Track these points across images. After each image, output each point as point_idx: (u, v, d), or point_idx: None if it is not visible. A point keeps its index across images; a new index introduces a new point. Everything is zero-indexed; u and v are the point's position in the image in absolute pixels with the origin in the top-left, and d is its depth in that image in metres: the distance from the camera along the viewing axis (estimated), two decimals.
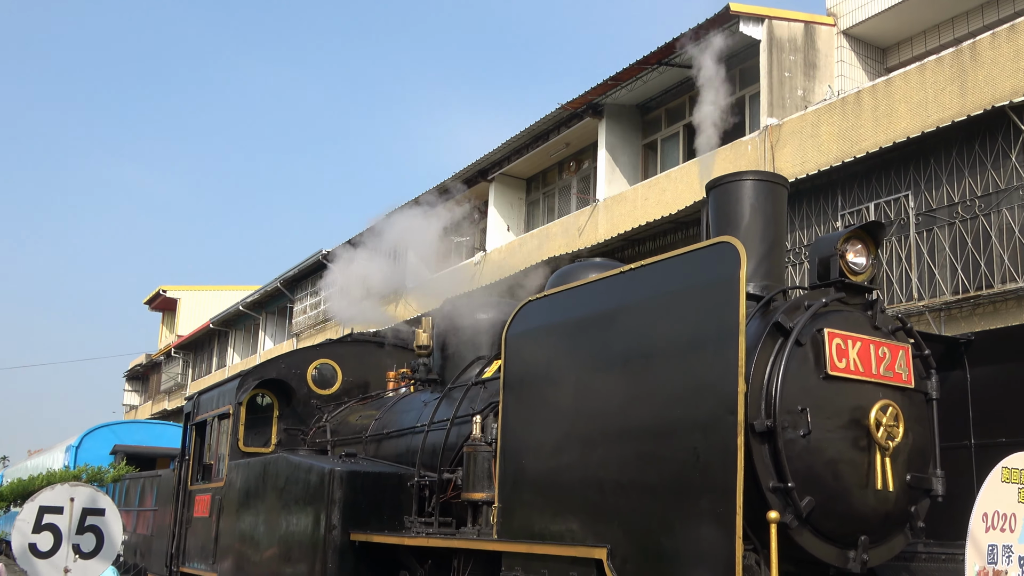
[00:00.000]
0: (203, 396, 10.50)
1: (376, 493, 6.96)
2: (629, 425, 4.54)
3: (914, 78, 11.88)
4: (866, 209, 11.75)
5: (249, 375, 9.43)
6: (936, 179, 11.29)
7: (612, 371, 4.74)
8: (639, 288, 4.73)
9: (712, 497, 4.01)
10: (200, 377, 36.51)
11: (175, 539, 10.58)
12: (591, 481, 4.69)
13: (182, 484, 10.57)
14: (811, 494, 4.52)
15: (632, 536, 4.40)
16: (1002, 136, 10.70)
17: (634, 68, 15.48)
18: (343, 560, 6.75)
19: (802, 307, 4.89)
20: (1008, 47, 10.91)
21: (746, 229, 5.39)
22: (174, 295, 41.06)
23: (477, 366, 7.61)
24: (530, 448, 5.18)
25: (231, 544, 8.50)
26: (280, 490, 7.62)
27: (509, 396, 5.42)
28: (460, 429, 6.76)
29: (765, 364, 4.66)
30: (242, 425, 9.11)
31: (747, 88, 15.12)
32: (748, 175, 5.58)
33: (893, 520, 4.85)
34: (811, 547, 4.59)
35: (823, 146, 12.73)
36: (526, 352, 5.40)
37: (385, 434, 7.97)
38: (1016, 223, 10.46)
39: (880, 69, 14.42)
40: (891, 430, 4.69)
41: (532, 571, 4.95)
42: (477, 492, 6.03)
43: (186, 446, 10.66)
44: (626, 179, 17.22)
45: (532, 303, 5.47)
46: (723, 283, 4.19)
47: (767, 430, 4.50)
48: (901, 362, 4.96)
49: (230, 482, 8.79)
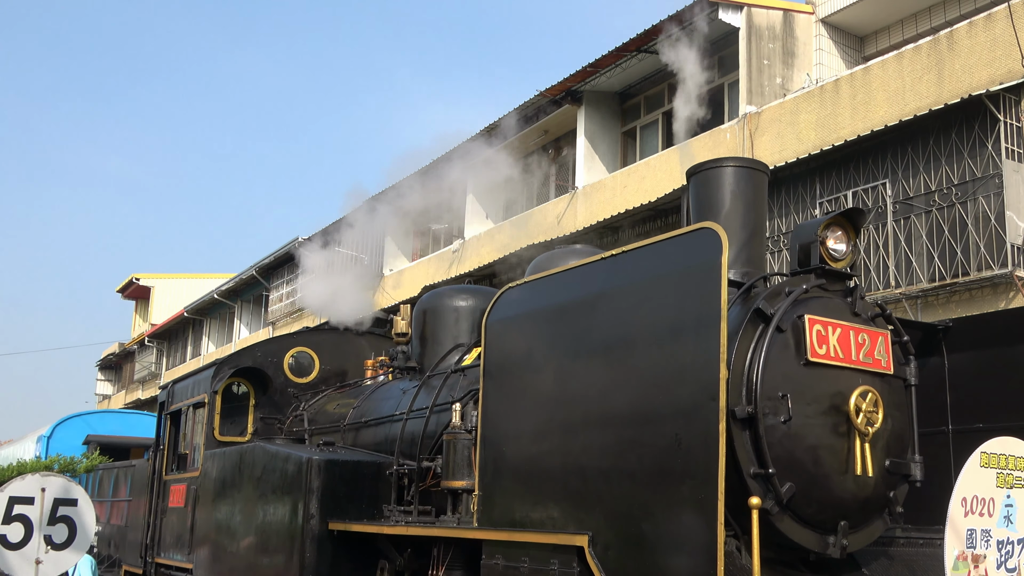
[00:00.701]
0: (178, 385, 10.40)
1: (354, 482, 6.92)
2: (610, 412, 4.52)
3: (892, 66, 11.92)
4: (844, 197, 11.80)
5: (225, 363, 9.34)
6: (913, 167, 11.34)
7: (593, 357, 4.71)
8: (620, 274, 4.70)
9: (693, 483, 4.00)
10: (175, 366, 36.24)
11: (150, 530, 10.49)
12: (572, 468, 4.67)
13: (157, 474, 10.49)
14: (791, 480, 4.54)
15: (613, 523, 4.38)
16: (979, 124, 10.76)
17: (613, 55, 15.44)
18: (321, 550, 6.71)
19: (783, 293, 4.90)
20: (985, 36, 10.96)
21: (726, 215, 5.38)
22: (147, 283, 40.66)
23: (456, 353, 7.57)
24: (510, 435, 5.15)
25: (207, 534, 8.43)
26: (257, 480, 7.55)
27: (489, 383, 5.38)
28: (439, 417, 6.72)
29: (746, 350, 4.66)
30: (218, 414, 9.04)
31: (726, 76, 15.12)
32: (728, 161, 5.57)
33: (872, 505, 4.87)
34: (791, 533, 4.61)
35: (801, 134, 12.75)
36: (506, 339, 5.37)
37: (363, 422, 7.92)
38: (992, 211, 10.54)
39: (858, 57, 14.46)
40: (870, 416, 4.71)
41: (513, 559, 4.93)
42: (457, 480, 6.00)
43: (161, 436, 10.57)
44: (605, 166, 17.20)
45: (512, 289, 5.44)
46: (705, 269, 4.17)
47: (748, 416, 4.51)
48: (880, 348, 4.98)
49: (206, 472, 8.71)
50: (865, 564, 5.09)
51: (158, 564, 10.15)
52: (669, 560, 4.10)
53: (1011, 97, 10.59)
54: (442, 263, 20.37)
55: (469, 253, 19.36)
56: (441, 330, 7.92)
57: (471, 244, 19.60)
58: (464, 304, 7.91)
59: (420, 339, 8.13)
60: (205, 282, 36.93)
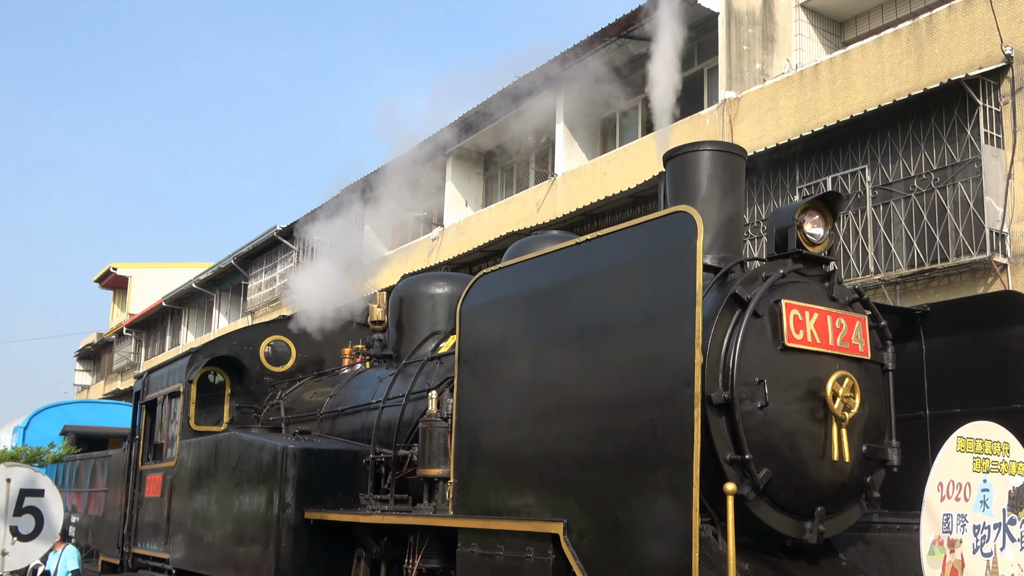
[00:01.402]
0: (153, 374, 10.31)
1: (331, 471, 6.87)
2: (585, 398, 4.48)
3: (871, 52, 11.90)
4: (824, 183, 11.79)
5: (200, 352, 9.26)
6: (892, 153, 11.33)
7: (568, 343, 4.66)
8: (595, 259, 4.65)
9: (669, 470, 3.96)
10: (153, 356, 36.04)
11: (126, 520, 10.43)
12: (547, 455, 4.63)
13: (133, 464, 10.42)
14: (768, 466, 4.51)
15: (589, 510, 4.35)
16: (958, 110, 10.76)
17: (593, 41, 15.35)
18: (297, 539, 6.66)
19: (760, 278, 4.85)
20: (964, 20, 10.96)
21: (703, 200, 5.33)
22: (125, 273, 40.36)
23: (433, 341, 7.52)
24: (486, 423, 5.11)
25: (183, 524, 8.38)
26: (232, 469, 7.50)
27: (464, 370, 5.33)
28: (416, 405, 6.68)
29: (722, 336, 4.62)
30: (193, 403, 8.97)
31: (705, 61, 15.08)
32: (705, 145, 5.52)
33: (849, 491, 4.85)
34: (768, 519, 4.59)
35: (781, 120, 12.73)
36: (481, 325, 5.32)
37: (340, 411, 7.86)
38: (971, 197, 10.55)
39: (837, 43, 14.44)
40: (847, 401, 4.68)
41: (488, 547, 4.89)
42: (433, 468, 5.96)
43: (136, 425, 10.49)
44: (585, 153, 17.13)
45: (487, 275, 5.38)
46: (680, 253, 4.12)
47: (724, 402, 4.48)
48: (858, 333, 4.95)
49: (181, 461, 8.65)
50: (842, 550, 5.07)
51: (135, 554, 10.08)
52: (644, 547, 4.07)
53: (990, 82, 10.60)
54: (421, 251, 20.28)
55: (448, 241, 19.28)
56: (417, 317, 7.86)
57: (450, 232, 19.51)
58: (441, 291, 7.85)
59: (396, 327, 8.06)
60: (183, 271, 36.71)
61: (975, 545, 4.25)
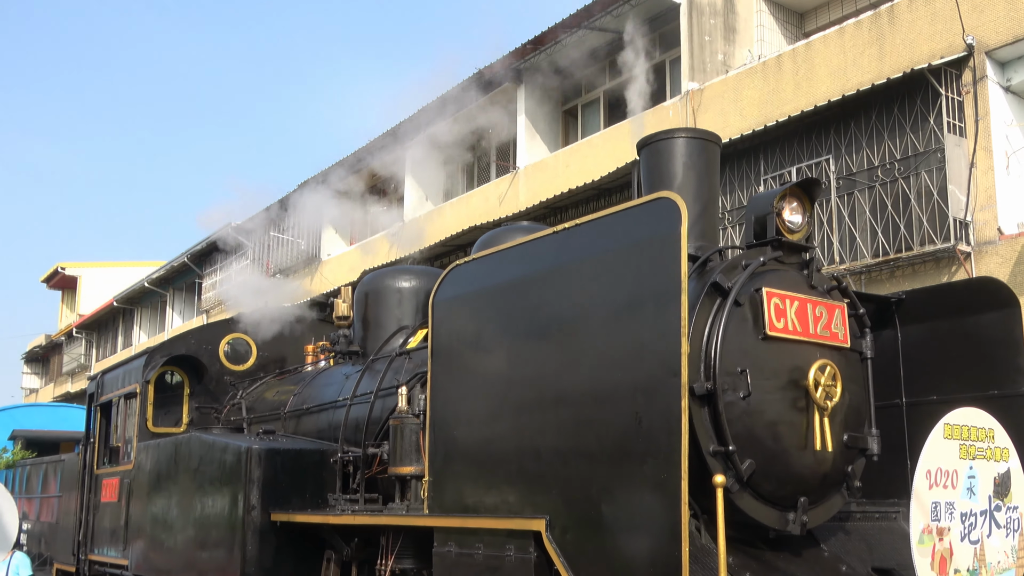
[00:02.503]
0: (107, 375, 10.06)
1: (297, 471, 6.74)
2: (566, 390, 4.37)
3: (833, 42, 11.93)
4: (788, 173, 11.80)
5: (156, 352, 9.05)
6: (856, 143, 11.38)
7: (547, 335, 4.56)
8: (574, 248, 4.54)
9: (655, 463, 3.88)
10: (105, 357, 35.37)
11: (82, 526, 10.17)
12: (527, 450, 4.51)
13: (88, 468, 10.17)
14: (751, 457, 4.46)
15: (571, 505, 4.25)
16: (920, 99, 10.82)
17: (553, 32, 15.24)
18: (263, 542, 6.52)
19: (739, 266, 4.80)
20: (925, 10, 11.01)
21: (679, 188, 5.25)
22: (74, 272, 39.53)
23: (400, 336, 7.37)
24: (461, 418, 4.98)
25: (142, 529, 8.17)
26: (194, 471, 7.30)
27: (437, 365, 5.20)
28: (384, 402, 6.54)
29: (704, 325, 4.56)
30: (150, 405, 8.78)
31: (668, 52, 15.04)
32: (680, 132, 5.45)
33: (831, 480, 4.83)
34: (751, 510, 4.54)
35: (745, 111, 12.73)
36: (455, 318, 5.18)
37: (305, 409, 7.69)
38: (934, 186, 10.61)
39: (798, 34, 14.47)
40: (829, 390, 4.64)
41: (466, 546, 4.77)
42: (405, 466, 5.85)
43: (91, 428, 10.25)
44: (546, 146, 17.03)
45: (460, 267, 5.25)
46: (663, 240, 4.04)
47: (707, 393, 4.42)
48: (837, 321, 4.92)
49: (139, 464, 8.42)
50: (823, 540, 5.04)
51: (91, 561, 9.83)
52: (630, 541, 3.98)
53: (952, 71, 10.66)
54: (382, 247, 20.04)
55: (410, 236, 19.06)
56: (384, 312, 7.72)
57: (411, 227, 19.29)
58: (407, 285, 7.71)
59: (362, 322, 7.90)
60: (135, 270, 36.03)
61: (963, 532, 4.21)
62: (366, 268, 16.98)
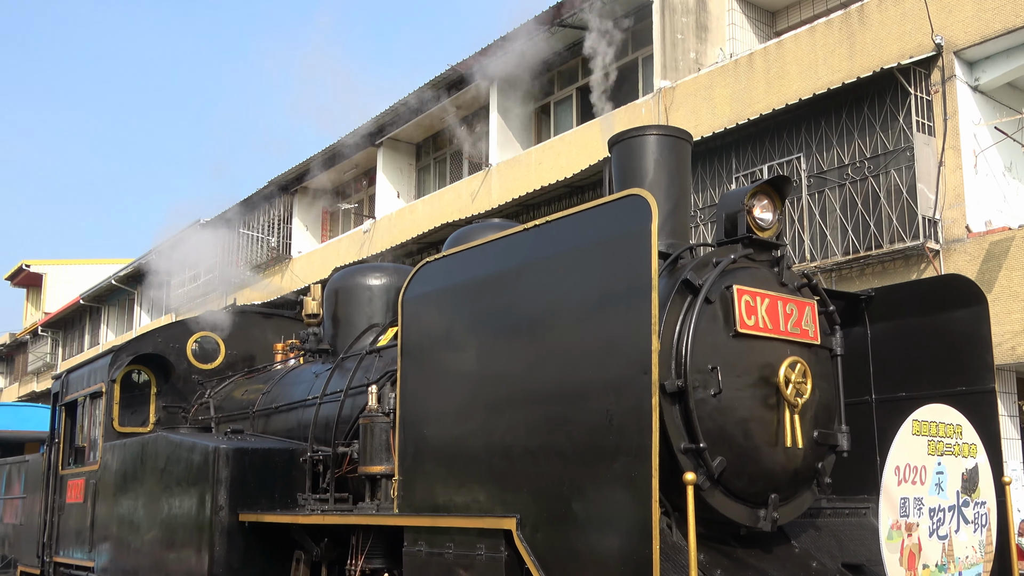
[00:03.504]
0: (72, 374, 9.91)
1: (266, 470, 6.66)
2: (537, 388, 4.34)
3: (805, 41, 12.00)
4: (760, 171, 11.86)
5: (123, 350, 8.91)
6: (827, 141, 11.45)
7: (517, 332, 4.52)
8: (545, 245, 4.51)
9: (627, 460, 3.85)
10: (72, 356, 34.96)
11: (47, 527, 10.01)
12: (497, 448, 4.47)
13: (52, 469, 10.00)
14: (722, 454, 4.46)
15: (542, 503, 4.22)
16: (890, 98, 10.91)
17: (526, 29, 15.19)
18: (232, 542, 6.44)
19: (710, 264, 4.79)
20: (895, 10, 11.10)
21: (650, 185, 5.24)
22: (39, 270, 39.01)
23: (371, 334, 7.31)
24: (431, 417, 4.93)
25: (109, 530, 8.06)
26: (161, 471, 7.20)
27: (407, 362, 5.16)
28: (355, 400, 6.48)
29: (675, 323, 4.55)
30: (116, 404, 8.64)
31: (640, 50, 15.06)
32: (651, 129, 5.43)
33: (801, 477, 4.83)
34: (722, 507, 4.53)
35: (716, 108, 12.77)
36: (425, 315, 5.13)
37: (274, 408, 7.60)
38: (904, 184, 10.70)
39: (770, 32, 14.55)
40: (800, 387, 4.65)
41: (436, 545, 4.72)
42: (375, 465, 5.79)
43: (55, 428, 10.09)
44: (519, 143, 17.00)
45: (430, 264, 5.20)
46: (633, 237, 4.01)
47: (678, 390, 4.41)
48: (807, 318, 4.92)
49: (105, 465, 8.30)
50: (794, 536, 5.05)
51: (56, 563, 9.67)
52: (601, 539, 3.95)
53: (921, 71, 10.75)
54: (353, 244, 19.92)
55: (381, 233, 18.98)
56: (354, 310, 7.64)
57: (382, 224, 19.21)
58: (377, 283, 7.64)
59: (332, 320, 7.82)
60: (102, 268, 35.62)
61: (931, 528, 4.23)
62: (338, 265, 16.89)
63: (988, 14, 10.46)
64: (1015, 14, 10.28)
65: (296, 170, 21.38)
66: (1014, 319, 9.85)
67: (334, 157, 20.31)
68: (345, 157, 20.24)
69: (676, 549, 4.21)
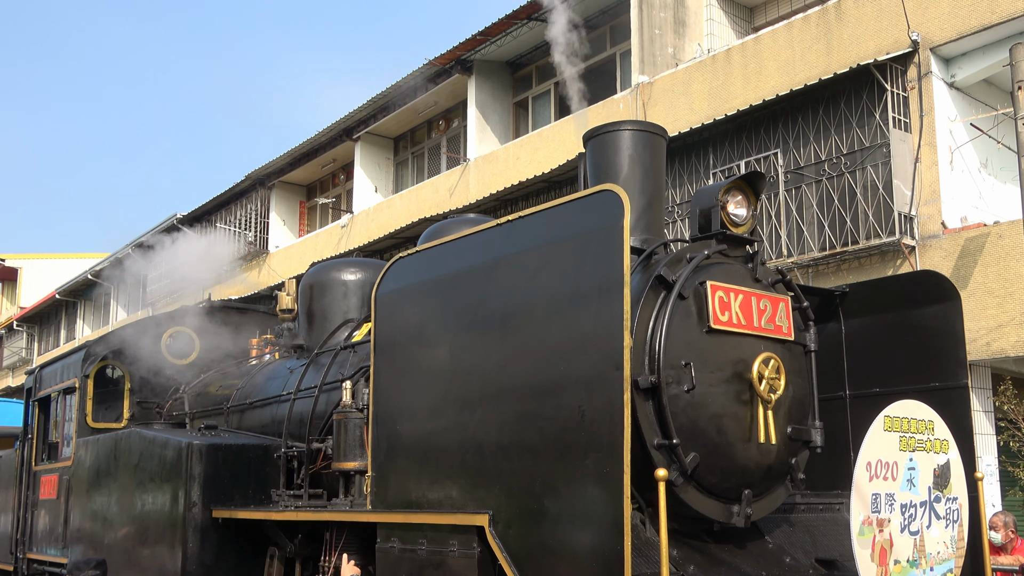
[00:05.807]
0: (45, 370, 9.82)
1: (239, 467, 6.63)
2: (509, 384, 4.33)
3: (782, 37, 12.02)
4: (737, 167, 11.89)
5: (96, 345, 8.82)
6: (804, 137, 11.48)
7: (489, 328, 4.50)
8: (517, 240, 4.49)
9: (598, 456, 3.84)
10: (47, 351, 34.66)
11: (20, 524, 9.91)
12: (470, 444, 4.46)
13: (26, 465, 9.93)
14: (695, 450, 4.46)
15: (515, 500, 4.20)
16: (866, 94, 10.95)
17: (503, 23, 15.17)
18: (205, 539, 6.41)
19: (684, 260, 4.79)
20: (872, 6, 11.14)
21: (624, 180, 5.23)
22: (14, 264, 38.61)
23: (346, 330, 7.27)
24: (404, 413, 4.91)
25: (83, 527, 8.00)
26: (134, 467, 7.16)
27: (380, 358, 5.13)
28: (329, 396, 6.45)
29: (648, 318, 4.55)
30: (90, 399, 8.57)
31: (618, 45, 15.05)
32: (626, 125, 5.43)
33: (775, 473, 4.84)
34: (696, 503, 4.53)
35: (694, 104, 12.78)
36: (398, 312, 5.11)
37: (248, 404, 7.56)
38: (880, 180, 10.75)
39: (748, 28, 14.57)
40: (773, 383, 4.65)
41: (409, 541, 4.70)
42: (349, 461, 5.76)
43: (29, 424, 10.00)
44: (497, 138, 16.97)
45: (403, 259, 5.17)
46: (606, 233, 4.00)
47: (651, 386, 4.41)
48: (781, 314, 4.92)
49: (79, 461, 8.23)
50: (768, 532, 5.05)
51: (30, 560, 9.59)
52: (573, 535, 3.94)
53: (897, 67, 10.80)
54: (331, 239, 19.83)
55: (358, 228, 18.90)
56: (329, 305, 7.60)
57: (360, 219, 19.13)
58: (352, 278, 7.60)
59: (307, 315, 7.78)
60: (78, 262, 35.30)
61: (903, 524, 4.24)
62: (315, 260, 16.80)
63: (964, 11, 10.52)
64: (991, 11, 10.35)
65: (274, 164, 21.27)
66: (989, 315, 9.93)
67: (312, 151, 20.21)
68: (323, 151, 20.15)
69: (649, 545, 4.21)
